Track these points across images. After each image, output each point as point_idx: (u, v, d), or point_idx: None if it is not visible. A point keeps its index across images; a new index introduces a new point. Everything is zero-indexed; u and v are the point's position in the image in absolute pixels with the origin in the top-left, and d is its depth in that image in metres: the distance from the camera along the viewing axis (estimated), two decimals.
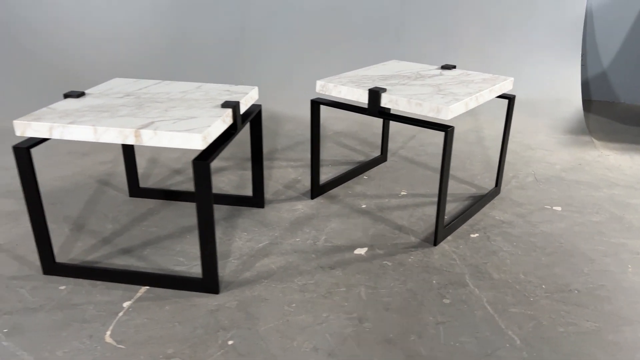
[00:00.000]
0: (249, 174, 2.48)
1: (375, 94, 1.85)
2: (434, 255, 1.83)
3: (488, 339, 1.43)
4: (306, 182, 2.40)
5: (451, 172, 2.55)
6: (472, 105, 1.85)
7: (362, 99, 1.91)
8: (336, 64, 3.69)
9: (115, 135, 1.46)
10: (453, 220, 2.00)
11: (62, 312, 1.52)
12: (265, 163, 2.61)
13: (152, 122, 1.50)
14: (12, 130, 2.90)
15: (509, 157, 2.75)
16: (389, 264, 1.78)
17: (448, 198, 2.28)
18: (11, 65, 3.30)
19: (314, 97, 3.47)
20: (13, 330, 1.44)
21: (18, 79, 3.27)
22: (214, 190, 2.30)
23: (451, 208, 2.17)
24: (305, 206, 2.18)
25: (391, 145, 2.89)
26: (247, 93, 1.83)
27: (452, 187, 2.39)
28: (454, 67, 2.26)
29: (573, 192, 2.34)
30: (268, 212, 2.12)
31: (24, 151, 1.51)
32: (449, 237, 1.95)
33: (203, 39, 3.66)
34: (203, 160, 1.45)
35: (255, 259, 1.80)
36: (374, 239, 1.93)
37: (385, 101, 1.85)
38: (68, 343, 1.40)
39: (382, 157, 2.66)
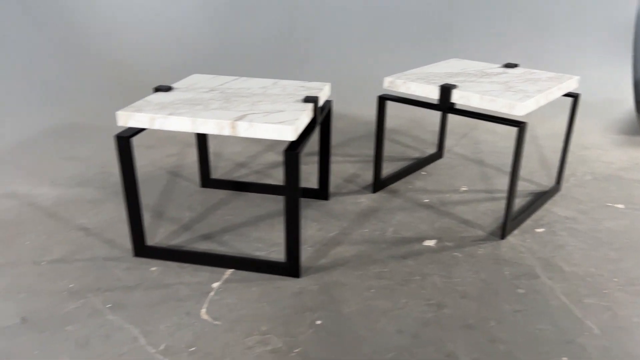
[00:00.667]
0: (308, 168, 2.56)
1: (446, 91, 1.92)
2: (503, 248, 1.89)
3: (566, 327, 1.48)
4: (365, 177, 2.47)
5: (507, 169, 2.59)
6: (542, 102, 1.89)
7: (432, 95, 1.97)
8: (384, 63, 3.75)
9: (213, 126, 1.55)
10: (518, 216, 2.04)
11: (157, 290, 1.62)
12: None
13: (245, 115, 1.59)
14: (82, 124, 3.06)
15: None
16: (460, 255, 1.84)
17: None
18: (78, 63, 3.46)
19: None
20: (116, 305, 1.55)
21: (81, 76, 3.43)
22: (278, 183, 2.39)
23: (514, 204, 2.22)
24: (368, 199, 2.25)
25: (450, 143, 2.94)
26: (321, 89, 1.92)
27: None
28: (517, 65, 2.31)
29: (633, 191, 2.36)
30: (333, 204, 2.20)
31: (125, 140, 1.62)
32: (515, 232, 2.00)
33: (250, 38, 3.77)
34: (293, 150, 1.53)
35: (328, 247, 1.88)
36: (440, 232, 1.99)
37: (456, 97, 1.91)
38: (168, 318, 1.50)
39: (438, 154, 2.71)
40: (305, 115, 1.63)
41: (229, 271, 1.73)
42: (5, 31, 3.16)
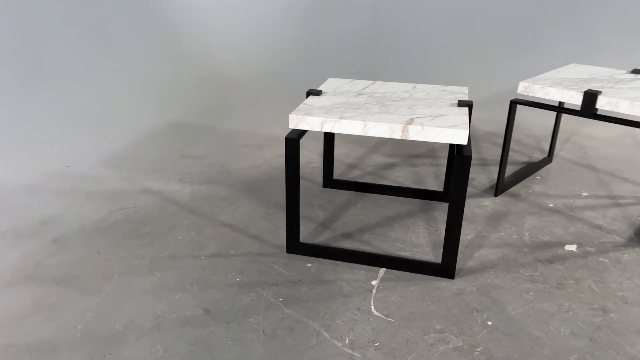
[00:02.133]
0: (420, 170, 2.60)
1: (591, 96, 1.92)
2: None
3: None
4: (480, 180, 2.49)
5: (622, 175, 2.57)
6: None
7: (574, 101, 1.98)
8: (466, 68, 3.76)
9: (384, 129, 1.61)
10: None
11: (321, 286, 1.69)
12: (431, 160, 2.73)
13: (413, 119, 1.64)
14: (189, 123, 3.17)
15: None
16: (606, 261, 1.85)
17: (631, 200, 2.31)
18: (172, 64, 3.58)
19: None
20: (287, 299, 1.62)
21: (177, 76, 3.55)
22: (394, 184, 2.44)
23: (639, 211, 2.21)
24: (493, 203, 2.27)
25: (547, 146, 2.93)
26: (464, 92, 1.95)
27: (629, 189, 2.41)
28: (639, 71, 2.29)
29: None
30: None
31: (294, 142, 1.69)
32: None
33: (335, 38, 3.83)
34: (465, 154, 1.57)
35: (471, 250, 1.91)
36: (578, 237, 2.00)
37: (603, 103, 1.91)
38: (342, 314, 1.56)
39: (549, 159, 2.71)
40: (467, 118, 1.67)
41: (382, 270, 1.78)
42: (105, 33, 3.30)
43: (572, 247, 1.93)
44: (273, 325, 1.51)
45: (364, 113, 1.69)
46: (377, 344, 1.44)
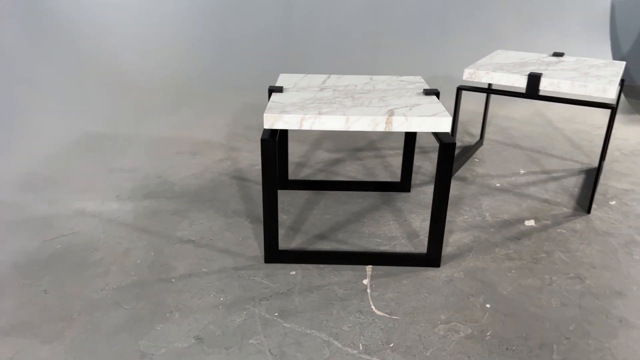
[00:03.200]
0: (367, 163, 2.59)
1: (535, 78, 2.04)
2: (595, 221, 2.05)
3: None
4: (426, 167, 2.55)
5: (547, 151, 2.79)
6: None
7: (518, 84, 2.09)
8: (384, 59, 3.85)
9: (367, 122, 1.55)
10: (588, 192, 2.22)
11: (313, 293, 1.59)
12: (368, 153, 2.74)
13: (393, 110, 1.60)
14: (106, 134, 2.85)
15: (584, 135, 3.03)
16: (564, 231, 1.97)
17: (562, 173, 2.51)
18: (71, 68, 3.20)
19: None
20: (283, 313, 1.51)
21: (79, 82, 3.19)
22: (350, 179, 2.40)
23: (573, 182, 2.40)
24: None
25: (473, 130, 3.09)
26: (421, 82, 1.97)
27: (558, 163, 2.62)
28: (563, 54, 2.49)
29: None
30: (417, 195, 2.25)
31: (271, 143, 1.57)
32: (594, 205, 2.17)
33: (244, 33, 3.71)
34: (449, 143, 1.57)
35: (444, 236, 1.93)
36: (532, 212, 2.12)
37: (545, 84, 2.04)
38: (345, 319, 1.48)
39: (481, 141, 2.86)
40: (442, 106, 1.67)
41: (369, 267, 1.73)
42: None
43: (531, 222, 2.04)
44: (277, 343, 1.39)
45: (340, 107, 1.62)
46: (391, 345, 1.39)
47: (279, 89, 1.79)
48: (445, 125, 1.55)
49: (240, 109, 3.38)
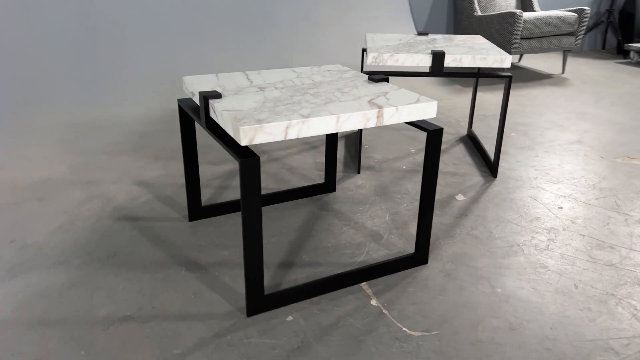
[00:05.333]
0: (266, 169, 2.30)
1: (440, 56, 2.05)
2: (506, 181, 2.19)
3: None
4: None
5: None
6: None
7: (423, 64, 2.08)
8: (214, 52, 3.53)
9: (359, 119, 1.30)
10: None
11: (332, 335, 1.29)
12: (265, 157, 2.45)
13: (372, 101, 1.38)
14: None
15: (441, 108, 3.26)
16: (487, 199, 2.06)
17: (444, 145, 2.64)
18: None
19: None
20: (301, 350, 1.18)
21: None
22: (267, 191, 2.09)
23: (459, 152, 2.55)
24: (363, 179, 2.21)
25: None
26: (346, 69, 1.79)
27: None
28: (428, 33, 2.60)
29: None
30: (345, 193, 2.08)
31: (254, 162, 1.19)
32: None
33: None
34: (437, 129, 1.44)
35: (401, 229, 1.81)
36: (453, 187, 2.16)
37: (449, 61, 2.07)
38: (388, 352, 1.24)
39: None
40: (411, 92, 1.53)
41: (363, 284, 1.50)
42: None
43: (461, 197, 2.07)
44: None
45: (316, 107, 1.33)
46: None
47: (216, 95, 1.39)
48: (431, 111, 1.41)
49: (61, 131, 2.66)
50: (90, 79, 3.08)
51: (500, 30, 4.01)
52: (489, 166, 2.34)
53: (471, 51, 2.12)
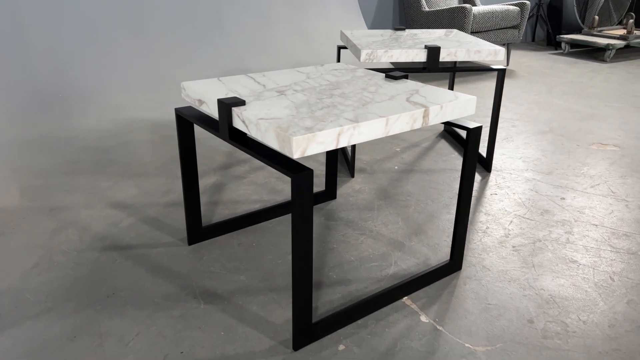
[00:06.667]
0: (255, 179, 2.12)
1: (435, 51, 1.98)
2: (503, 176, 2.17)
3: None
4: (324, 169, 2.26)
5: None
6: None
7: (418, 59, 1.99)
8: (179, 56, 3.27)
9: (406, 121, 1.18)
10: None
11: (397, 356, 1.17)
12: (241, 167, 2.26)
13: (411, 100, 1.27)
14: None
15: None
16: (496, 193, 2.02)
17: (427, 142, 2.59)
18: None
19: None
20: None
21: None
22: (267, 203, 1.92)
23: (443, 146, 2.51)
24: (362, 183, 2.10)
25: None
26: (357, 68, 1.67)
27: (416, 133, 2.70)
28: (404, 29, 2.53)
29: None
30: (347, 200, 1.96)
31: (309, 176, 1.04)
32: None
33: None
34: (473, 127, 1.35)
35: (420, 234, 1.72)
36: (452, 184, 2.10)
37: (444, 55, 2.00)
38: None
39: None
40: (445, 89, 1.43)
41: (405, 299, 1.39)
42: None
43: None
44: None
45: (359, 110, 1.19)
46: None
47: (239, 102, 1.21)
48: (471, 107, 1.33)
49: (4, 149, 2.32)
50: (30, 91, 2.72)
51: (450, 25, 4.05)
52: (480, 161, 2.32)
53: (463, 45, 2.07)
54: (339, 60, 2.42)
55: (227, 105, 1.19)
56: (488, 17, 4.12)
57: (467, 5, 3.94)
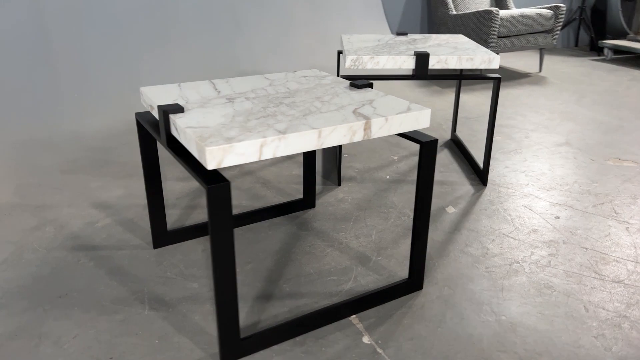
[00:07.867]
0: (239, 184, 2.11)
1: (424, 58, 1.90)
2: (497, 189, 2.06)
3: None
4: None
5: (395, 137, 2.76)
6: None
7: (406, 66, 1.92)
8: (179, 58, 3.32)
9: (344, 133, 1.13)
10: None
11: None
12: (229, 171, 2.26)
13: (357, 110, 1.22)
14: None
15: None
16: (484, 209, 1.92)
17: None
18: None
19: None
20: None
21: None
22: (244, 208, 1.90)
23: (444, 157, 2.41)
24: (347, 192, 2.05)
25: None
26: (324, 74, 1.62)
27: (412, 143, 2.61)
28: (407, 33, 2.45)
29: None
30: (325, 209, 1.91)
31: (225, 189, 1.01)
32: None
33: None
34: (427, 140, 1.28)
35: (390, 249, 1.65)
36: (441, 198, 2.01)
37: (434, 62, 1.92)
38: None
39: None
40: (402, 100, 1.36)
41: (353, 318, 1.33)
42: None
43: (451, 209, 1.92)
44: None
45: (294, 120, 1.15)
46: None
47: (177, 109, 1.20)
48: (425, 120, 1.25)
49: (12, 149, 2.42)
50: (45, 90, 2.84)
51: (476, 29, 3.90)
52: (478, 173, 2.21)
53: (456, 51, 1.98)
54: (338, 66, 2.37)
55: (165, 112, 1.18)
56: (517, 21, 3.94)
57: (494, 9, 3.78)
